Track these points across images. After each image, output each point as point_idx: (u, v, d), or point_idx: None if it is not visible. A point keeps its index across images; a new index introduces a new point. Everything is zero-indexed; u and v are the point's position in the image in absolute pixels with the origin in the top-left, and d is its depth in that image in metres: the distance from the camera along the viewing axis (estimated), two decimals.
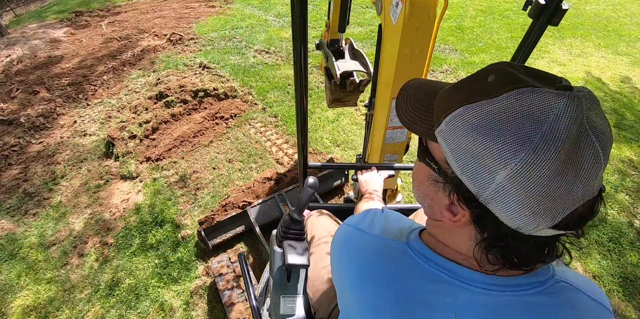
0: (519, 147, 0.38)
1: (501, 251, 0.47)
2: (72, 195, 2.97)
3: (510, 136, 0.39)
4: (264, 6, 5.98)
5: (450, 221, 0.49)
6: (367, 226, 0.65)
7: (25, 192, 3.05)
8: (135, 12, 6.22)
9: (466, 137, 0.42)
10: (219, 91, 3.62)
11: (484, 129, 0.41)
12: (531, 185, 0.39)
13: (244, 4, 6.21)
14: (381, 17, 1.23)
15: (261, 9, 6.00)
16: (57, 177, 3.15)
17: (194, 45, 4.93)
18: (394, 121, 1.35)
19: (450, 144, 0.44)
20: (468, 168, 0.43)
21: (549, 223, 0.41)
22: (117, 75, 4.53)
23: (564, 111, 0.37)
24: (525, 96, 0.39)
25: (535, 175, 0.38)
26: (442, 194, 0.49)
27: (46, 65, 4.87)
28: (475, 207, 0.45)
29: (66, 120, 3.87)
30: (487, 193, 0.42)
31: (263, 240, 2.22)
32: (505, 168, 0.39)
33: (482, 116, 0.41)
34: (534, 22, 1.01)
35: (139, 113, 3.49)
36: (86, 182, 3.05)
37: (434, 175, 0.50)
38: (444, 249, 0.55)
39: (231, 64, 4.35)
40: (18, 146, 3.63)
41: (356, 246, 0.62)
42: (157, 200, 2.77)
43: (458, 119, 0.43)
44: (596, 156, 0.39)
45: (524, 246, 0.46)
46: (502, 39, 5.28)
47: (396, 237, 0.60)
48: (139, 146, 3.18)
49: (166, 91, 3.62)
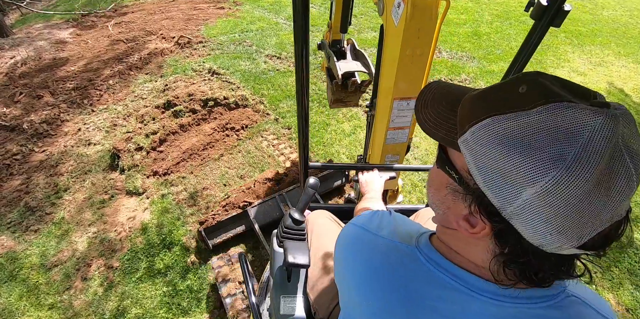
0: (551, 165, 0.36)
1: (520, 268, 0.44)
2: (75, 211, 2.79)
3: (542, 153, 0.37)
4: (275, 8, 5.75)
5: (468, 231, 0.47)
6: (375, 227, 0.62)
7: (26, 206, 2.87)
8: (142, 13, 6.01)
9: (493, 150, 0.40)
10: (229, 100, 3.42)
11: (514, 144, 0.38)
12: (560, 204, 0.37)
13: (253, 5, 5.98)
14: (383, 17, 1.21)
15: (271, 11, 5.77)
16: (60, 190, 2.97)
17: (203, 49, 4.72)
18: (395, 121, 1.34)
19: (475, 156, 0.42)
20: (493, 182, 0.40)
21: (574, 243, 0.39)
22: (124, 80, 4.33)
23: (599, 129, 0.35)
24: (560, 111, 0.37)
25: (566, 195, 0.36)
26: (461, 204, 0.47)
27: (51, 68, 4.68)
28: (497, 222, 0.43)
29: (70, 127, 3.69)
30: (512, 209, 0.40)
31: (263, 240, 2.18)
32: (534, 186, 0.37)
33: (511, 130, 0.39)
34: (535, 23, 0.99)
35: (146, 123, 3.30)
36: (90, 197, 2.87)
37: (453, 184, 0.48)
38: (456, 257, 0.52)
39: (241, 70, 4.14)
40: (20, 155, 3.45)
41: (364, 247, 0.59)
42: (164, 219, 2.58)
43: (485, 131, 0.41)
44: (629, 177, 0.37)
45: (545, 264, 0.43)
46: None
47: (405, 240, 0.58)
48: (145, 158, 3.00)
49: (174, 100, 3.42)
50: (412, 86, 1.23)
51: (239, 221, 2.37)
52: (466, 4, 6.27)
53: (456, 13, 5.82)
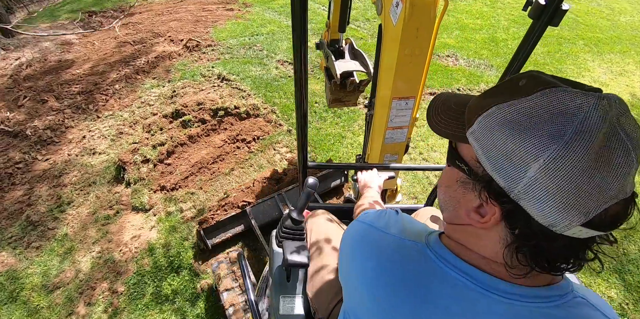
0: (551, 140, 0.38)
1: (532, 251, 0.44)
2: (79, 227, 2.63)
3: (541, 131, 0.39)
4: (286, 11, 5.54)
5: (479, 222, 0.48)
6: (384, 225, 0.62)
7: (28, 220, 2.71)
8: (150, 14, 5.82)
9: (497, 133, 0.42)
10: (240, 110, 3.24)
11: (515, 125, 0.41)
12: (564, 177, 0.38)
13: (263, 7, 5.78)
14: (381, 17, 1.20)
15: (282, 13, 5.56)
16: (63, 203, 2.81)
17: (212, 53, 4.54)
18: (394, 121, 1.33)
19: (482, 143, 0.44)
20: (499, 164, 0.42)
21: (581, 219, 0.39)
22: (130, 84, 4.15)
23: (593, 109, 0.38)
24: (556, 94, 0.40)
25: (568, 167, 0.38)
26: (471, 195, 0.49)
27: (56, 70, 4.51)
28: (506, 203, 0.43)
29: (75, 134, 3.52)
30: (519, 188, 0.41)
31: (262, 240, 2.15)
32: (537, 161, 0.39)
33: (512, 113, 0.42)
34: (534, 22, 0.98)
35: (153, 133, 3.13)
36: (94, 212, 2.71)
37: (463, 177, 0.50)
38: (467, 253, 0.52)
39: (252, 77, 3.96)
40: (23, 163, 3.29)
41: (372, 244, 0.59)
42: (172, 239, 2.42)
43: (489, 118, 0.44)
44: (627, 154, 0.39)
45: (554, 247, 0.43)
46: (539, 54, 4.84)
47: (415, 238, 0.57)
48: (152, 171, 2.83)
49: (183, 109, 3.25)
50: (411, 85, 1.22)
51: (238, 221, 2.32)
52: (481, 8, 6.05)
53: (472, 18, 5.60)
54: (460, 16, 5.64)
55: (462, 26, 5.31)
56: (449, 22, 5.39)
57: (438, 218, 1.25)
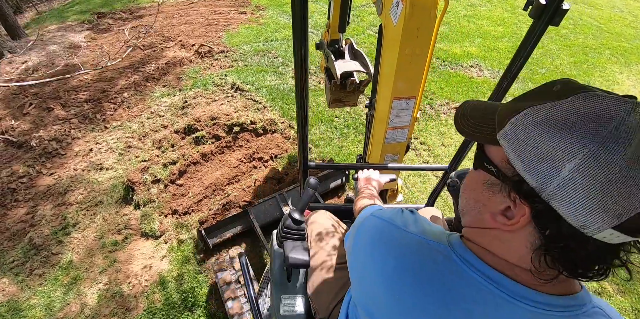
0: (587, 141, 0.38)
1: (561, 253, 0.43)
2: (84, 253, 2.42)
3: (578, 131, 0.39)
4: None
5: (506, 225, 0.47)
6: (403, 224, 0.59)
7: (31, 243, 2.50)
8: (160, 16, 5.56)
9: (531, 133, 0.42)
10: (256, 125, 3.00)
11: (550, 125, 0.40)
12: (599, 177, 0.37)
13: (277, 10, 5.51)
14: (382, 17, 1.18)
15: None
16: (68, 225, 2.59)
17: (225, 60, 4.29)
18: (395, 121, 1.31)
19: (513, 143, 0.44)
20: (532, 163, 0.42)
21: (614, 221, 0.38)
22: (139, 92, 3.92)
23: (629, 113, 0.38)
24: (592, 98, 0.40)
25: (604, 167, 0.37)
26: (499, 198, 0.48)
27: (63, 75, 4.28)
28: (537, 203, 0.42)
29: (81, 146, 3.30)
30: (551, 188, 0.40)
31: (263, 239, 2.12)
32: (573, 160, 0.38)
33: (548, 114, 0.41)
34: (534, 22, 0.96)
35: (164, 150, 2.90)
36: (101, 236, 2.49)
37: (490, 179, 0.49)
38: (490, 258, 0.50)
39: (267, 87, 3.71)
40: (27, 177, 3.07)
41: (393, 242, 0.56)
42: (185, 272, 2.20)
43: (524, 119, 0.43)
44: None
45: (584, 250, 0.42)
46: (565, 65, 4.56)
47: (436, 238, 0.55)
48: (163, 193, 2.60)
49: (195, 124, 3.01)
50: (411, 85, 1.20)
51: (239, 221, 2.28)
52: (502, 14, 5.75)
53: (493, 25, 5.31)
54: (481, 23, 5.35)
55: (483, 34, 5.03)
56: (470, 30, 5.11)
57: (438, 218, 1.23)
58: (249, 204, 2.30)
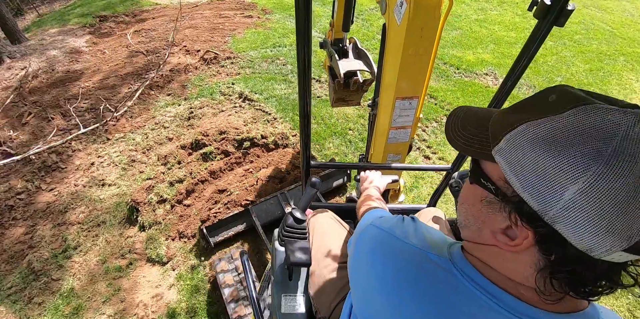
0: (591, 161, 0.35)
1: (568, 277, 0.40)
2: (86, 279, 2.23)
3: (579, 151, 0.36)
4: None
5: (507, 245, 0.44)
6: (403, 234, 0.57)
7: (30, 268, 2.32)
8: (163, 20, 5.35)
9: (529, 153, 0.39)
10: (267, 140, 2.81)
11: (549, 145, 0.38)
12: (605, 200, 0.35)
13: (284, 14, 5.30)
14: (385, 16, 1.17)
15: None
16: (69, 247, 2.41)
17: (231, 67, 4.09)
18: (397, 120, 1.31)
19: (511, 162, 0.41)
20: (532, 186, 0.38)
21: (623, 245, 0.36)
22: (143, 101, 3.72)
23: (632, 127, 0.35)
24: (591, 112, 0.37)
25: (610, 189, 0.34)
26: (499, 216, 0.44)
27: (63, 83, 4.08)
28: (540, 227, 0.39)
29: (82, 159, 3.11)
30: (554, 211, 0.37)
31: (265, 238, 2.10)
32: (576, 183, 0.35)
33: (545, 131, 0.38)
34: (539, 22, 0.92)
35: (170, 166, 2.71)
36: (104, 260, 2.31)
37: (489, 196, 0.46)
38: (492, 274, 0.48)
39: (277, 96, 3.52)
40: (25, 193, 2.89)
41: (393, 254, 0.54)
42: (196, 303, 2.02)
43: (519, 136, 0.40)
44: None
45: (592, 272, 0.39)
46: (581, 73, 4.37)
47: (437, 251, 0.53)
48: (169, 214, 2.42)
49: (203, 139, 2.82)
50: (415, 85, 1.19)
51: (241, 219, 2.26)
52: (513, 18, 5.55)
53: (505, 30, 5.11)
54: (493, 28, 5.15)
55: (496, 39, 4.83)
56: (482, 35, 4.91)
57: (440, 219, 1.21)
58: (250, 203, 2.28)
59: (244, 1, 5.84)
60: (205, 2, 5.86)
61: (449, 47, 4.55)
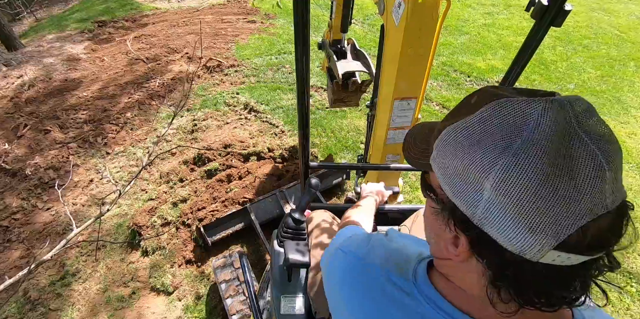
0: (499, 153, 0.34)
1: (513, 285, 0.37)
2: (87, 310, 2.06)
3: (489, 146, 0.35)
4: (313, 24, 4.88)
5: (455, 255, 0.43)
6: (366, 254, 0.58)
7: (26, 297, 2.15)
8: (164, 25, 5.16)
9: (450, 156, 0.39)
10: (274, 154, 2.65)
11: (464, 144, 0.38)
12: (519, 194, 0.33)
13: (288, 19, 5.12)
14: (383, 17, 1.16)
15: None
16: (68, 274, 2.24)
17: (235, 75, 3.91)
18: (396, 121, 1.29)
19: (441, 168, 0.41)
20: (457, 188, 0.38)
21: (552, 242, 0.33)
22: (144, 112, 3.55)
23: (542, 114, 0.33)
24: (501, 106, 0.36)
25: (521, 181, 0.33)
26: (446, 227, 0.43)
27: (61, 92, 3.89)
28: (470, 230, 0.38)
29: (81, 176, 2.94)
30: (480, 212, 0.36)
31: (263, 237, 2.06)
32: (488, 178, 0.34)
33: (462, 132, 0.38)
34: (536, 23, 0.92)
35: (172, 185, 2.54)
36: (105, 289, 2.14)
37: (435, 206, 0.45)
38: (455, 294, 0.46)
39: (284, 107, 3.34)
40: (21, 213, 2.71)
41: (360, 282, 0.54)
42: None
43: (442, 141, 0.41)
44: (595, 159, 0.33)
45: (538, 278, 0.36)
46: (593, 79, 4.22)
47: (402, 273, 0.51)
48: (174, 237, 2.25)
49: (206, 153, 2.65)
50: (413, 85, 1.18)
51: (239, 218, 2.20)
52: (520, 22, 5.39)
53: (513, 35, 4.95)
54: (501, 32, 4.99)
55: (505, 45, 4.67)
56: (491, 40, 4.75)
57: None
58: (248, 201, 2.22)
59: (246, 6, 5.65)
60: (207, 7, 5.67)
61: (458, 54, 4.39)
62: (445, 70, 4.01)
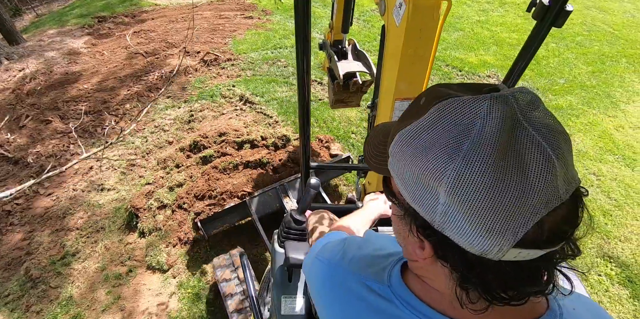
0: (448, 158, 0.34)
1: (480, 285, 0.38)
2: (86, 287, 2.19)
3: (439, 150, 0.35)
4: None
5: (422, 259, 0.43)
6: (341, 260, 0.58)
7: (28, 275, 2.27)
8: (162, 20, 5.30)
9: (404, 161, 0.39)
10: (267, 142, 2.77)
11: (415, 150, 0.37)
12: (473, 197, 0.33)
13: (284, 15, 5.25)
14: (384, 17, 1.16)
15: None
16: (68, 254, 2.37)
17: (232, 69, 4.04)
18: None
19: (398, 173, 0.41)
20: (414, 194, 0.38)
21: (511, 241, 0.33)
22: (142, 104, 3.68)
23: (488, 112, 0.33)
24: (447, 107, 0.36)
25: (473, 184, 0.33)
26: (409, 231, 0.43)
27: (62, 85, 4.03)
28: (431, 235, 0.39)
29: (81, 164, 3.06)
30: (438, 217, 0.36)
31: (263, 233, 2.05)
32: (442, 184, 0.34)
33: (412, 137, 0.38)
34: (537, 24, 0.92)
35: (169, 170, 2.66)
36: (104, 268, 2.26)
37: (397, 211, 0.45)
38: (429, 295, 0.47)
39: (278, 99, 3.47)
40: (23, 198, 2.84)
41: (336, 290, 0.55)
42: (197, 312, 1.97)
43: (396, 147, 0.41)
44: (542, 152, 0.33)
45: (502, 275, 0.37)
46: (584, 74, 4.34)
47: (377, 276, 0.52)
48: (169, 219, 2.37)
49: (202, 140, 2.77)
50: (414, 86, 1.19)
51: (237, 212, 2.19)
52: (514, 19, 5.51)
53: (507, 31, 5.07)
54: (495, 29, 5.11)
55: (498, 41, 4.79)
56: (484, 37, 4.87)
57: None
58: (247, 195, 2.20)
59: (244, 2, 5.79)
60: (205, 3, 5.80)
61: (451, 49, 4.52)
62: (437, 64, 4.13)
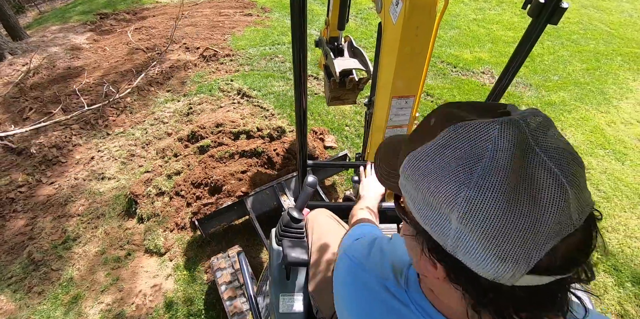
0: (460, 185, 0.34)
1: (492, 308, 0.38)
2: (86, 269, 2.29)
3: (451, 175, 0.35)
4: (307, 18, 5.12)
5: (434, 277, 0.42)
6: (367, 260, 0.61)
7: (30, 258, 2.37)
8: (163, 17, 5.41)
9: (416, 184, 0.39)
10: (263, 133, 2.87)
11: (425, 174, 0.37)
12: (485, 224, 0.33)
13: (283, 13, 5.35)
14: (381, 15, 1.18)
15: None
16: (69, 239, 2.47)
17: (230, 64, 4.15)
18: (394, 119, 1.32)
19: (408, 194, 0.41)
20: (426, 216, 0.38)
21: (524, 268, 0.33)
22: (142, 97, 3.78)
23: (499, 137, 0.33)
24: (459, 131, 0.36)
25: (485, 212, 0.33)
26: (421, 251, 0.43)
27: (64, 79, 4.14)
28: (444, 259, 0.38)
29: (83, 154, 3.17)
30: (450, 241, 0.36)
31: (261, 232, 2.05)
32: (453, 211, 0.34)
33: (423, 160, 0.38)
34: (533, 21, 0.94)
35: (168, 159, 2.76)
36: (103, 252, 2.36)
37: (409, 231, 0.45)
38: (443, 307, 0.48)
39: (275, 93, 3.57)
40: (26, 186, 2.94)
41: (362, 291, 0.57)
42: (192, 292, 2.07)
43: (407, 168, 0.41)
44: (555, 180, 0.32)
45: (516, 300, 0.36)
46: (578, 72, 4.42)
47: (397, 281, 0.55)
48: (167, 206, 2.47)
49: (200, 131, 2.87)
50: (411, 84, 1.20)
51: (235, 211, 2.19)
52: (511, 18, 5.60)
53: (503, 29, 5.16)
54: (491, 27, 5.20)
55: (494, 38, 4.88)
56: (480, 34, 4.96)
57: None
58: (244, 194, 2.21)
59: (243, 0, 5.90)
60: (206, 1, 5.92)
61: (446, 46, 4.61)
62: (432, 61, 4.22)
